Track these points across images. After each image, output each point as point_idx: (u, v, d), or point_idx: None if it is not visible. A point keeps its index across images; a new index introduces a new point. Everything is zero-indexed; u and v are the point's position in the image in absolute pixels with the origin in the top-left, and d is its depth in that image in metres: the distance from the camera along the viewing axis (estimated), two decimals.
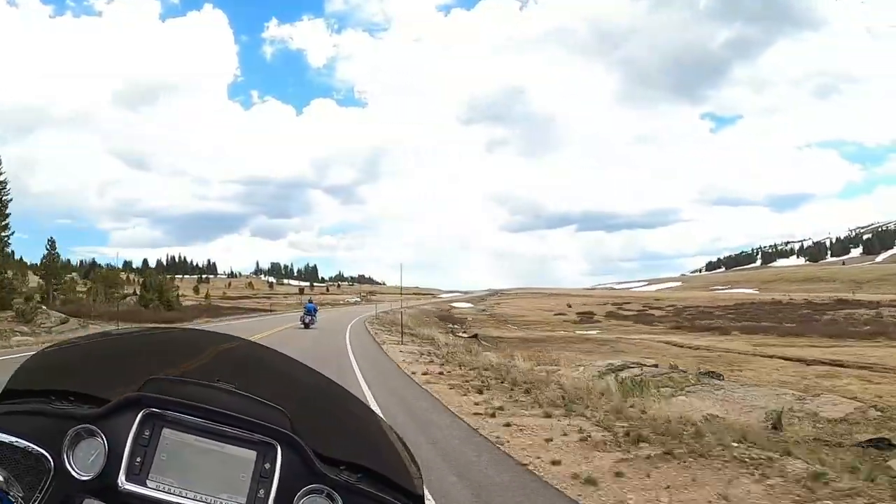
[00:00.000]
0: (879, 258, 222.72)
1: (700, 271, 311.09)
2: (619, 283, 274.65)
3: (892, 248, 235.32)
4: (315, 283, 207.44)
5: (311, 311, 24.59)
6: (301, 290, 76.76)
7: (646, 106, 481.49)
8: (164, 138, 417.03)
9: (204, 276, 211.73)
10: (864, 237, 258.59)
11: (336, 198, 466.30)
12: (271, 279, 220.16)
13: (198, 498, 0.73)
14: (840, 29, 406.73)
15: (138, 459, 0.74)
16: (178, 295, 48.38)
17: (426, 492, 0.66)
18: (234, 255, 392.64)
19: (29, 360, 0.92)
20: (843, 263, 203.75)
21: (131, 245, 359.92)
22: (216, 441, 0.76)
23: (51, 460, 0.74)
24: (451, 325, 39.95)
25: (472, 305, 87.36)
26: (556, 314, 60.10)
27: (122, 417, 0.76)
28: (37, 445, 0.74)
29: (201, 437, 0.76)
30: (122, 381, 0.84)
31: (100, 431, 0.75)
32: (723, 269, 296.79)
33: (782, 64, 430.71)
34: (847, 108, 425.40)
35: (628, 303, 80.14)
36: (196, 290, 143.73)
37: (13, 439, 0.74)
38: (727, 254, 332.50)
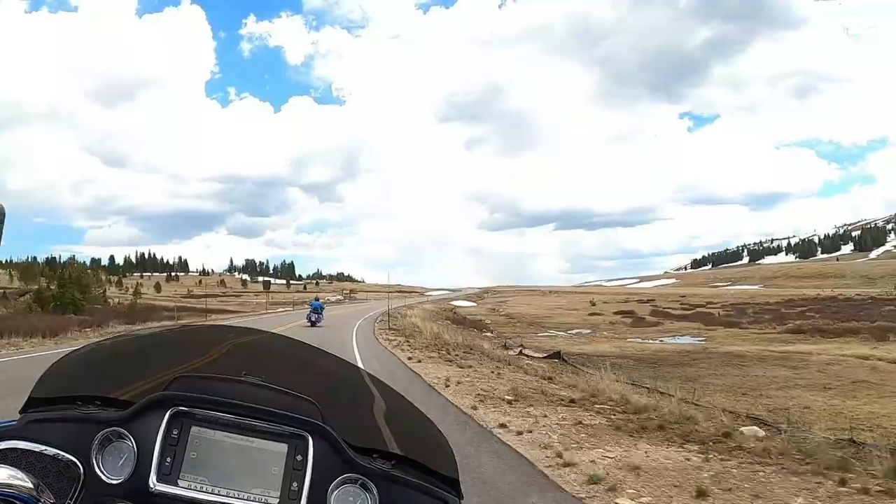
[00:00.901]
0: (873, 254, 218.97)
1: (685, 268, 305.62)
2: (608, 280, 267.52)
3: (884, 244, 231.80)
4: (292, 281, 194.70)
5: (317, 309, 24.88)
6: (266, 285, 64.60)
7: (624, 105, 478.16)
8: (141, 136, 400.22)
9: (174, 273, 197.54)
10: (854, 234, 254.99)
11: (313, 196, 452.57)
12: (245, 276, 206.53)
13: (231, 494, 0.72)
14: (818, 29, 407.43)
15: (168, 459, 0.72)
16: (103, 292, 36.58)
17: None
18: (212, 252, 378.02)
19: (52, 367, 0.89)
20: (837, 260, 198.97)
21: (107, 243, 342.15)
22: (246, 436, 0.75)
23: (80, 466, 0.72)
24: (483, 333, 29.03)
25: (474, 304, 76.68)
26: (589, 314, 49.47)
27: (149, 418, 0.74)
28: (65, 452, 0.73)
29: (231, 432, 0.74)
30: (147, 381, 0.83)
31: (128, 434, 0.73)
32: (709, 266, 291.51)
33: (760, 64, 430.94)
34: (825, 107, 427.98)
35: (652, 300, 70.34)
36: (157, 288, 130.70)
37: (42, 447, 0.73)
38: (705, 252, 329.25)
